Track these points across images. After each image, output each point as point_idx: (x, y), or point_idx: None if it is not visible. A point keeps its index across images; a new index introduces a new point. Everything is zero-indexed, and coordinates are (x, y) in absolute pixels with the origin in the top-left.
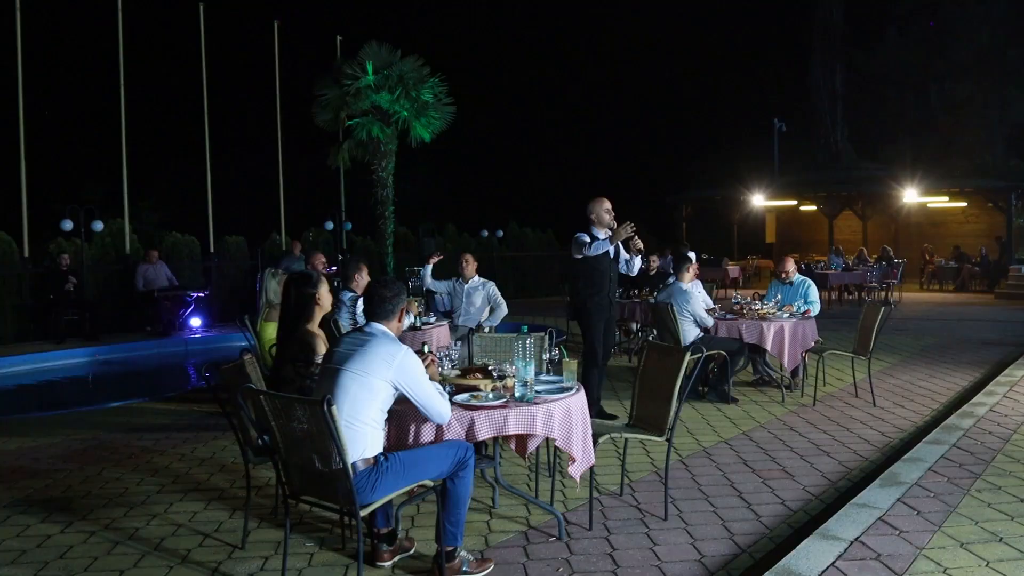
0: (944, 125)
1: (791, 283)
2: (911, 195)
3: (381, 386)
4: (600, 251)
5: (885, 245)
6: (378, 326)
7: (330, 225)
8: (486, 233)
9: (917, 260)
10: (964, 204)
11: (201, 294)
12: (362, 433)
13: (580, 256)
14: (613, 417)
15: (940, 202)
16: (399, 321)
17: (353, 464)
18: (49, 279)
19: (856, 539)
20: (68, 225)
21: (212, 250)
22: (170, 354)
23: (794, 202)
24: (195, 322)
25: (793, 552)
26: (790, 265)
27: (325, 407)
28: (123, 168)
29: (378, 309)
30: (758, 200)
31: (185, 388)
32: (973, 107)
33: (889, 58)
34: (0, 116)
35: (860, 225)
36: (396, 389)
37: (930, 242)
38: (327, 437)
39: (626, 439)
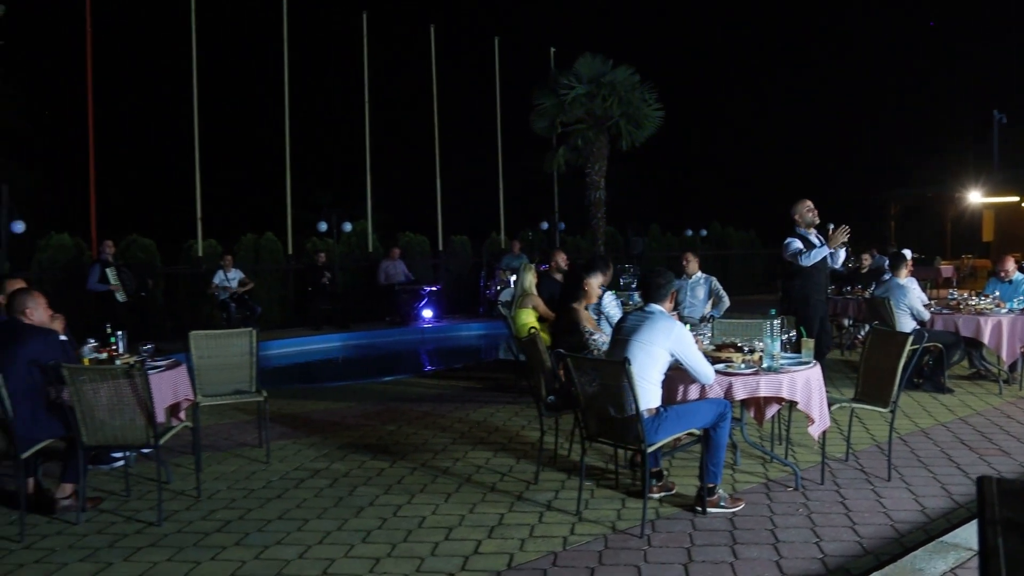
0: None
1: (1010, 281)
2: None
3: (660, 353)
4: (818, 258)
5: None
6: (655, 306)
7: (545, 225)
8: (690, 232)
9: None
10: None
11: (433, 288)
12: (646, 389)
13: (797, 262)
14: None
15: None
16: (670, 301)
17: (640, 412)
18: (307, 274)
19: None
20: (323, 226)
21: (441, 248)
22: (411, 341)
23: (1015, 198)
24: (427, 313)
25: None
26: (1010, 264)
27: (627, 365)
28: (367, 175)
29: (654, 293)
30: (974, 197)
31: (442, 367)
32: None
33: None
34: (271, 131)
35: None
36: (672, 356)
37: None
38: (623, 390)
39: (853, 408)
